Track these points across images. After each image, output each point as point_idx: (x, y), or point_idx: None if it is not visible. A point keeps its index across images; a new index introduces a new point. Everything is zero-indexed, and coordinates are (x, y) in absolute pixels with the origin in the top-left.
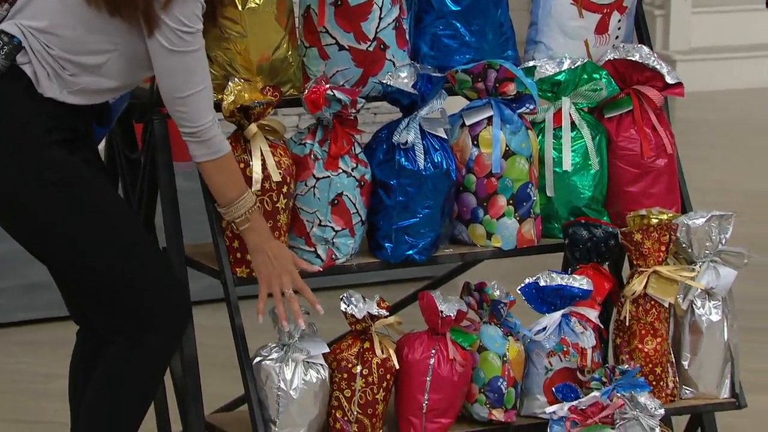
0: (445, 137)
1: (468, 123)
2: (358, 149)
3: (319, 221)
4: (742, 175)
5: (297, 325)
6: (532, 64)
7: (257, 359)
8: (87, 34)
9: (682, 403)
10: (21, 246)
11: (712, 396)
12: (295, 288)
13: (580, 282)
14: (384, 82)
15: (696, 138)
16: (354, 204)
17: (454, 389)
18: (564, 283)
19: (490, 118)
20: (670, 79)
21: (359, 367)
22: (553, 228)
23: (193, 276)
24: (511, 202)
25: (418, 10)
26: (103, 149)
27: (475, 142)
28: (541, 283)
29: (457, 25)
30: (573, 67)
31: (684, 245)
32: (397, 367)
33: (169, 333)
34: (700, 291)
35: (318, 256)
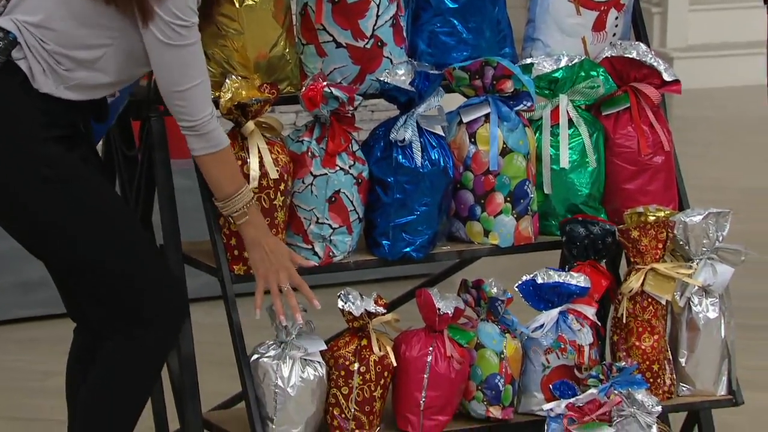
0: (443, 134)
1: (465, 120)
2: (356, 147)
3: (317, 219)
4: (739, 172)
5: (295, 320)
6: (529, 61)
7: (255, 356)
8: (82, 28)
9: (679, 401)
10: (18, 243)
11: (709, 393)
12: (292, 284)
13: (577, 279)
14: (381, 79)
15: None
16: (351, 201)
17: (452, 386)
18: (561, 281)
19: (487, 116)
20: (667, 77)
21: (357, 365)
22: (550, 225)
23: (191, 273)
24: (508, 199)
25: (416, 7)
26: (100, 146)
27: (472, 140)
28: (539, 280)
29: (455, 22)
30: (570, 64)
31: (681, 242)
32: (394, 364)
33: (165, 330)
34: (697, 288)
35: (315, 254)
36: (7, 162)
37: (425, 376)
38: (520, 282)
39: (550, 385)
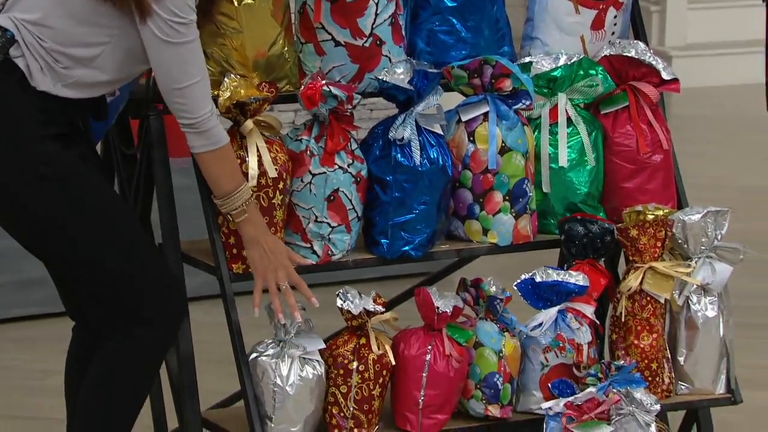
0: (442, 133)
1: (464, 119)
2: (354, 145)
3: (315, 217)
4: (737, 171)
5: (293, 318)
6: (528, 60)
7: (253, 355)
8: (79, 26)
9: (678, 399)
10: (16, 242)
11: (707, 392)
12: (290, 282)
13: (576, 278)
14: (380, 78)
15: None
16: (350, 200)
17: (450, 385)
18: (560, 279)
19: (486, 114)
20: (665, 75)
21: (355, 363)
22: (549, 224)
23: (190, 272)
24: (507, 198)
25: (415, 6)
26: (99, 145)
27: (471, 138)
28: (537, 279)
29: (453, 21)
30: (569, 63)
31: (680, 241)
32: (393, 363)
33: (164, 328)
34: (695, 287)
35: (314, 252)
36: (5, 160)
37: (424, 374)
38: (518, 281)
39: (549, 384)
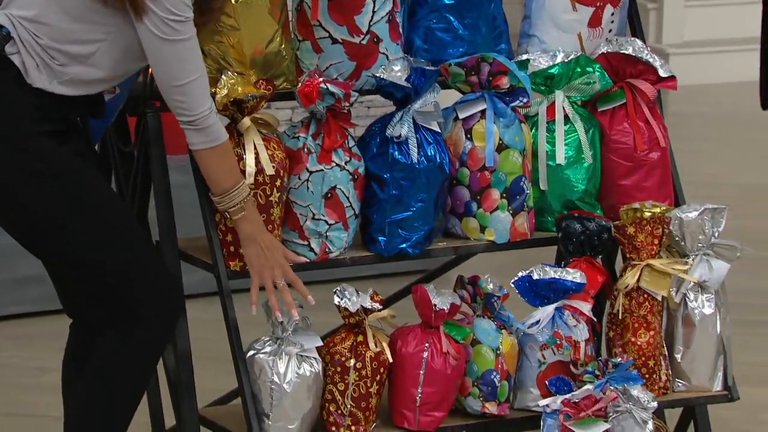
0: (439, 131)
1: (461, 116)
2: (352, 143)
3: (313, 215)
4: (735, 168)
5: (290, 316)
6: (525, 57)
7: (251, 353)
8: (75, 23)
9: (675, 396)
10: (12, 239)
11: (704, 389)
12: (286, 280)
13: (573, 275)
14: (377, 75)
15: (689, 131)
16: (347, 197)
17: (448, 382)
18: (557, 277)
19: (483, 112)
20: (663, 73)
21: (353, 361)
22: (546, 221)
23: (187, 269)
24: (504, 195)
25: (412, 3)
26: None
27: (468, 136)
28: (535, 276)
29: (451, 18)
30: (566, 60)
31: (677, 238)
32: (390, 360)
33: (161, 326)
34: (692, 284)
35: (311, 250)
36: (0, 156)
37: (421, 372)
38: (516, 278)
39: (546, 381)
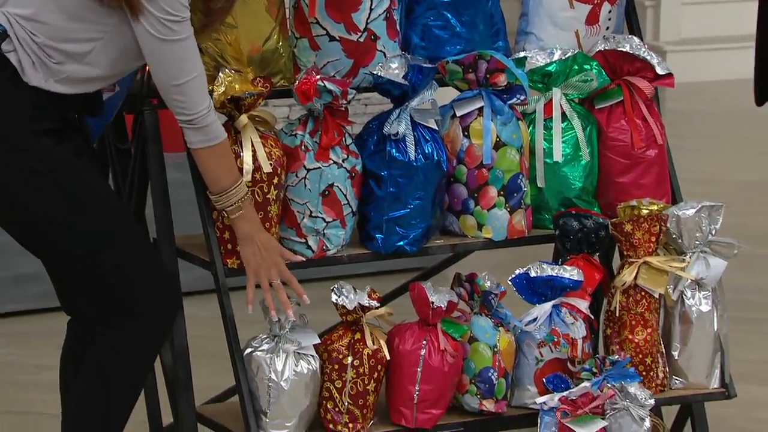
0: (436, 128)
1: (459, 114)
2: (349, 140)
3: (310, 212)
4: (732, 165)
5: (286, 316)
6: (522, 54)
7: (248, 350)
8: (71, 22)
9: (672, 394)
10: (10, 237)
11: (701, 386)
12: (282, 280)
13: (570, 273)
14: (375, 73)
15: (686, 129)
16: (345, 195)
17: (445, 380)
18: (554, 274)
19: (480, 109)
20: (660, 70)
21: (350, 358)
22: (543, 219)
23: (185, 267)
24: (501, 193)
25: (409, 0)
26: None
27: (465, 133)
28: (532, 274)
29: (448, 15)
30: (563, 57)
31: (674, 236)
32: (388, 358)
33: (158, 323)
34: (690, 281)
35: (309, 247)
36: None
37: (418, 369)
38: (513, 275)
39: (544, 379)
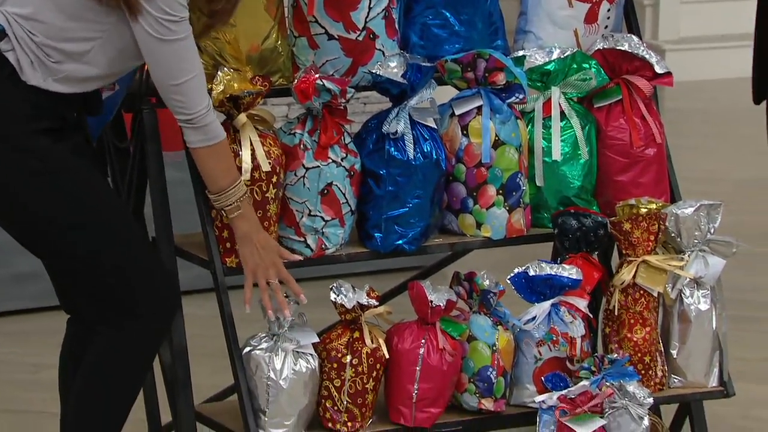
0: (435, 127)
1: (457, 113)
2: (348, 139)
3: (309, 211)
4: (731, 164)
5: (283, 315)
6: (521, 53)
7: (247, 349)
8: (70, 21)
9: (671, 392)
10: (9, 236)
11: (700, 385)
12: (280, 279)
13: (569, 271)
14: (373, 71)
15: (685, 127)
16: (343, 194)
17: (444, 379)
18: (553, 273)
19: (479, 108)
20: (659, 69)
21: (349, 357)
22: (542, 218)
23: (184, 266)
24: (500, 191)
25: None
26: None
27: (464, 132)
28: (531, 272)
29: (447, 14)
30: (562, 56)
31: (673, 234)
32: (386, 356)
33: (157, 322)
34: (688, 280)
35: (308, 246)
36: None
37: (417, 368)
38: (512, 274)
39: (542, 378)
